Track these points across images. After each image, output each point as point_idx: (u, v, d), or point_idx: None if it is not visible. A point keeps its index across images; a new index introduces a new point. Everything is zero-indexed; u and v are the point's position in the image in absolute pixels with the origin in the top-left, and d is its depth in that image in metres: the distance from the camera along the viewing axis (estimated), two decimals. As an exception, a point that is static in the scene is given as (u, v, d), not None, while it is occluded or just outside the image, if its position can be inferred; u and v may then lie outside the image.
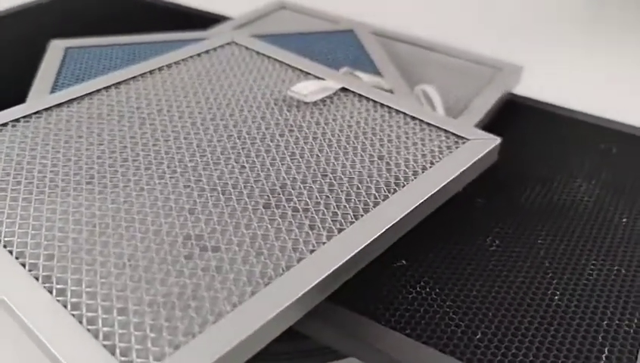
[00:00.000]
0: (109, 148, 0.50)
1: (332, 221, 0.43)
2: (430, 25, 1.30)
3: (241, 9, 1.17)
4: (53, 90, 0.63)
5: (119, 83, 0.60)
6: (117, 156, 0.49)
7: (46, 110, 0.55)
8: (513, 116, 0.72)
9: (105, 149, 0.50)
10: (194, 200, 0.45)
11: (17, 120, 0.54)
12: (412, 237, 0.52)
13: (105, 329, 0.34)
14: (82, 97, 0.58)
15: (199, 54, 0.67)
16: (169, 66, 0.64)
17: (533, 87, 1.01)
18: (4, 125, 0.52)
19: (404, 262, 0.50)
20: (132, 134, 0.52)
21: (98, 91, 0.59)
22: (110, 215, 0.43)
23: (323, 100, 0.59)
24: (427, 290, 0.46)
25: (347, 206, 0.45)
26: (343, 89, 0.61)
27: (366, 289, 0.46)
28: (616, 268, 0.49)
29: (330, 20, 0.89)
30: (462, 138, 0.53)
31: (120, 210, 0.43)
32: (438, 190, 0.47)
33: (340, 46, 0.75)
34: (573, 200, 0.58)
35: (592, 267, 0.49)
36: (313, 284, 0.37)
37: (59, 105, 0.56)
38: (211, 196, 0.45)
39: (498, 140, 0.53)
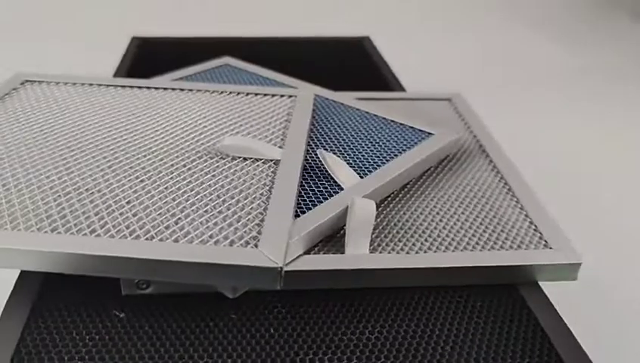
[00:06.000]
0: (72, 126, 0.66)
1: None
2: None
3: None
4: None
5: (164, 88, 0.74)
6: (66, 136, 0.64)
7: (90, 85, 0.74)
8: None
9: (67, 127, 0.65)
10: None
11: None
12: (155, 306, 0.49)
13: None
14: (122, 86, 0.74)
15: (256, 94, 0.74)
16: (221, 92, 0.74)
17: None
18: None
19: (122, 314, 0.48)
20: (98, 128, 0.65)
21: (139, 87, 0.74)
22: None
23: (245, 160, 0.59)
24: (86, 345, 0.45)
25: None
26: (277, 161, 0.59)
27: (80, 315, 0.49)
28: None
29: (462, 127, 0.78)
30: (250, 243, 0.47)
31: None
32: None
33: (398, 142, 0.68)
34: None
35: None
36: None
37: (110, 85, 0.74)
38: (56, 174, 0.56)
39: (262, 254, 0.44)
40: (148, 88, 0.75)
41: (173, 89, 0.75)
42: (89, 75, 0.78)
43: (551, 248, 0.55)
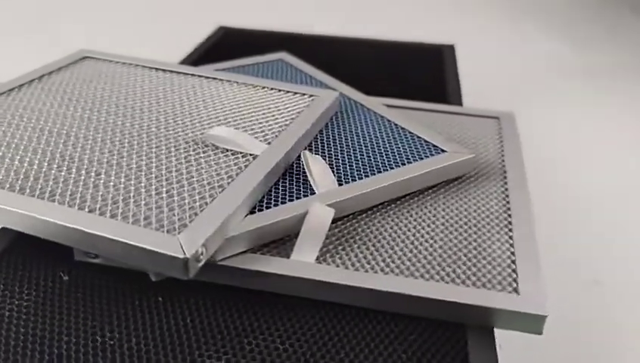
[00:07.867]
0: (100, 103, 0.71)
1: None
2: None
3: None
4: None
5: (199, 75, 0.77)
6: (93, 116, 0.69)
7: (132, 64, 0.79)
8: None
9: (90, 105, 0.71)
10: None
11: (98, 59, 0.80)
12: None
13: None
14: (163, 70, 0.79)
15: (279, 90, 0.74)
16: (247, 85, 0.75)
17: None
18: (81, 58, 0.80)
19: (66, 277, 0.52)
20: (117, 106, 0.70)
21: (177, 73, 0.78)
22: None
23: (224, 150, 0.59)
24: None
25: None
26: (256, 156, 0.59)
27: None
28: None
29: (496, 149, 0.71)
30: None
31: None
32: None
33: (404, 154, 0.64)
34: None
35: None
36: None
37: (146, 67, 0.79)
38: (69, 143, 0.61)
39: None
40: (185, 74, 0.78)
41: (207, 78, 0.77)
42: (146, 57, 0.83)
43: (518, 293, 0.48)
